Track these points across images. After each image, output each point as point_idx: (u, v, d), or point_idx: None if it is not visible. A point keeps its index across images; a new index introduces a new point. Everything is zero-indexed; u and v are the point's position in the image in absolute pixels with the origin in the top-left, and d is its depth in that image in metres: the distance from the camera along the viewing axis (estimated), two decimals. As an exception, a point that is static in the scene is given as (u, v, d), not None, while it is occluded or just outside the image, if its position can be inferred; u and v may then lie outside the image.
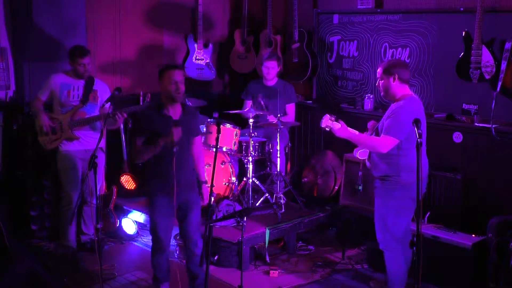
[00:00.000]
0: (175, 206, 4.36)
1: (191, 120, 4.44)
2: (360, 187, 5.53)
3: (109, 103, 4.67)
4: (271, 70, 6.22)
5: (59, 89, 5.16)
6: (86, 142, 5.23)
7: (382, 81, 4.33)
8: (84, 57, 5.15)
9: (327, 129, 4.19)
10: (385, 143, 4.19)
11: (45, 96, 5.20)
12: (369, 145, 4.32)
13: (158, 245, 4.46)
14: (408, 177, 4.16)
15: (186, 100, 6.11)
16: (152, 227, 4.45)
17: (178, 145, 4.22)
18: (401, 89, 4.30)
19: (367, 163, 4.50)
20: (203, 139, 5.74)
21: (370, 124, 4.55)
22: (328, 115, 4.18)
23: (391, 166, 4.25)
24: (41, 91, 5.22)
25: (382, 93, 4.41)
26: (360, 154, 4.53)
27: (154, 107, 4.39)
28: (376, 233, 4.46)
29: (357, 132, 4.29)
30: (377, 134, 4.33)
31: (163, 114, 4.30)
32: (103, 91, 5.33)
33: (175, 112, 4.33)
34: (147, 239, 5.86)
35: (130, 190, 6.06)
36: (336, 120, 4.18)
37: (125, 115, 4.96)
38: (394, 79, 4.27)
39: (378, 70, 4.38)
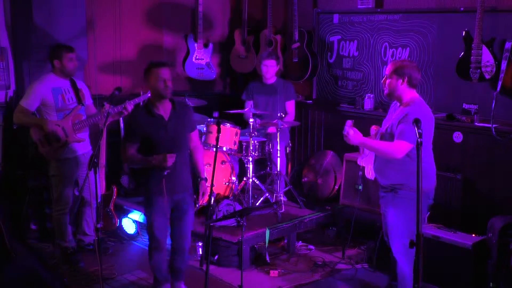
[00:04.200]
0: (170, 206, 4.35)
1: (184, 116, 4.32)
2: (360, 187, 5.52)
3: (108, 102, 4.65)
4: (270, 69, 6.24)
5: (51, 95, 4.96)
6: (85, 145, 5.22)
7: (390, 80, 4.09)
8: (72, 51, 5.06)
9: (345, 133, 4.03)
10: (400, 148, 3.96)
11: (34, 107, 4.93)
12: (383, 150, 4.07)
13: (155, 245, 4.43)
14: (424, 184, 3.91)
15: (187, 99, 6.12)
16: (149, 226, 4.43)
17: (170, 169, 4.15)
18: (409, 93, 4.09)
19: (369, 175, 4.32)
20: (203, 138, 5.73)
21: (373, 129, 4.32)
22: (350, 121, 4.04)
23: (402, 173, 4.06)
24: (26, 102, 4.91)
25: (386, 92, 4.15)
26: (364, 161, 4.35)
27: (143, 108, 4.29)
28: (391, 242, 4.25)
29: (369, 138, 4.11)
30: (382, 139, 4.15)
31: (153, 113, 4.21)
32: (85, 90, 5.26)
33: (165, 109, 4.23)
34: (147, 239, 5.87)
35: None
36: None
37: (132, 105, 4.87)
38: (403, 81, 4.04)
39: (389, 67, 4.12)
